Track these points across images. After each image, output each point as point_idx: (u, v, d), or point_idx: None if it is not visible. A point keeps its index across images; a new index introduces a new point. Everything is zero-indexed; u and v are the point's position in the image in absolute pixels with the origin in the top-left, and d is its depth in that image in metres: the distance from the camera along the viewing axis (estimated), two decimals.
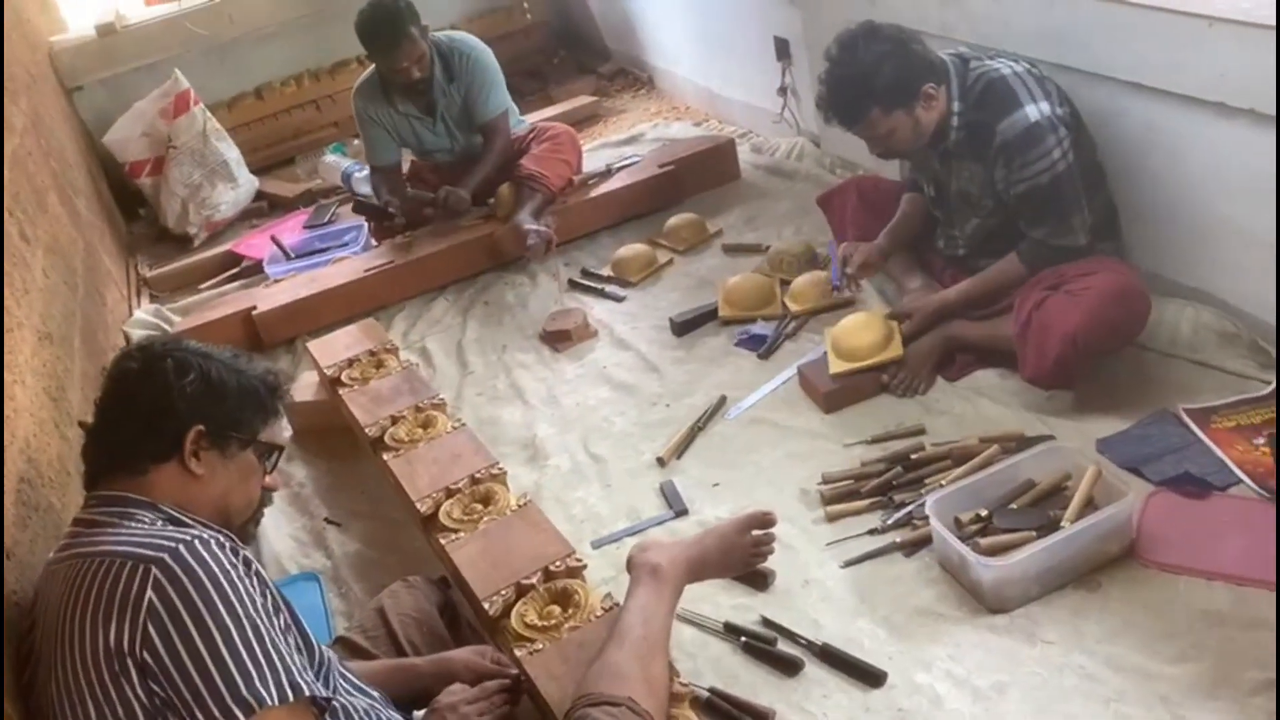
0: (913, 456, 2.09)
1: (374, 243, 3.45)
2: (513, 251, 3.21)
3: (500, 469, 2.06)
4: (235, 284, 3.58)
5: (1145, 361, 2.21)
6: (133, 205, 4.35)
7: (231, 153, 4.15)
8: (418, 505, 2.01)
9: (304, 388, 2.71)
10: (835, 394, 2.31)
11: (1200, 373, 2.14)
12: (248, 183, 4.21)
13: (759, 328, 2.66)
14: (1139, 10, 2.11)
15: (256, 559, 1.29)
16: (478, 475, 2.05)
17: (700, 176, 3.43)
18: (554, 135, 3.44)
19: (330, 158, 4.28)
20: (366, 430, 2.28)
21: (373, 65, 3.31)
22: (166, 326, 3.31)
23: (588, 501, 2.23)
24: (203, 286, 3.67)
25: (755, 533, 1.69)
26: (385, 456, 2.18)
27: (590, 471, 2.32)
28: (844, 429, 2.25)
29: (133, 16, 4.53)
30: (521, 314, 3.03)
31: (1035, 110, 2.12)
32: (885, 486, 2.03)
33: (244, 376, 1.42)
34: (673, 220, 3.22)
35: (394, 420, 2.29)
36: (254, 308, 3.12)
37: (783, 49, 3.47)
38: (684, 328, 2.74)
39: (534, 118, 4.22)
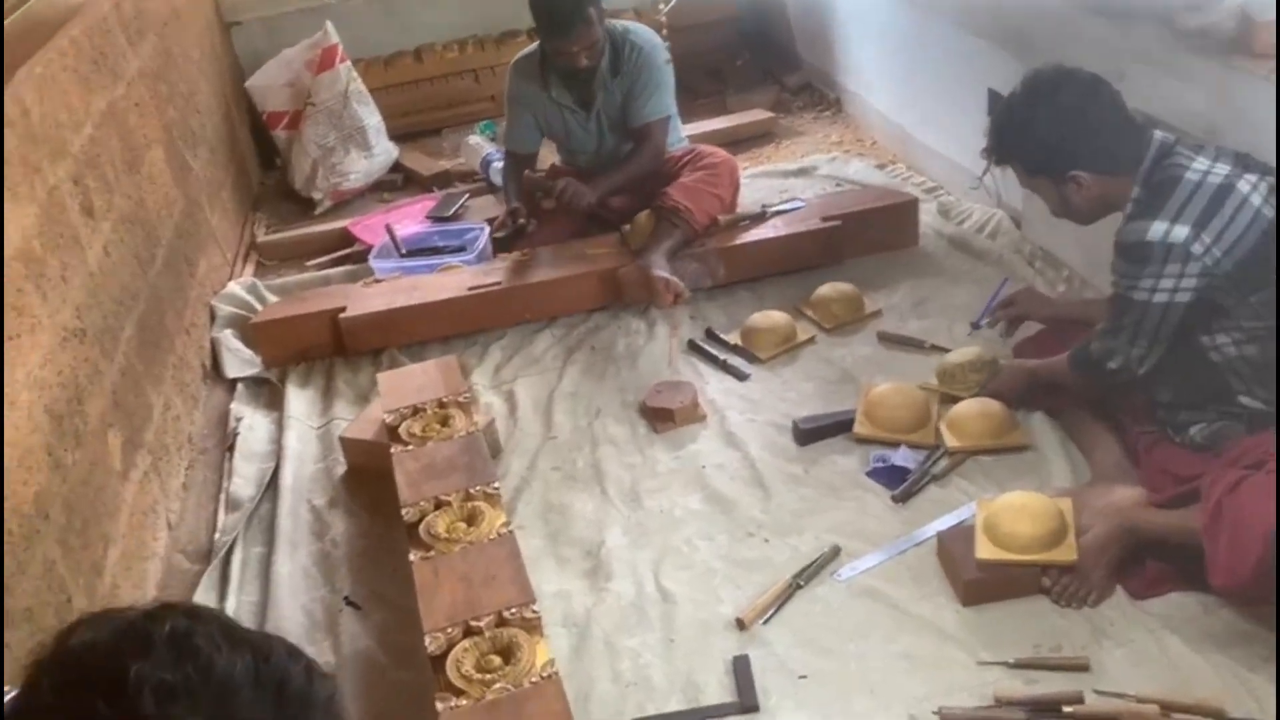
0: (1066, 710, 1.57)
1: (490, 253, 3.10)
2: (634, 296, 2.79)
3: (534, 613, 1.65)
4: (341, 269, 3.29)
5: None
6: (271, 154, 4.13)
7: (371, 119, 3.86)
8: (427, 641, 1.63)
9: (369, 421, 2.37)
10: (979, 585, 1.80)
11: None
12: (384, 153, 3.91)
13: (901, 456, 2.16)
14: None
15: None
16: (508, 615, 1.65)
17: (868, 237, 2.92)
18: (712, 164, 2.98)
19: (475, 138, 3.94)
20: (404, 513, 1.92)
21: (538, 42, 2.94)
22: (257, 306, 3.05)
23: (642, 658, 1.80)
24: (309, 264, 3.40)
25: None
26: (413, 556, 1.81)
27: (655, 612, 1.89)
28: (983, 635, 1.75)
29: None
30: (627, 371, 2.61)
31: (1162, 229, 1.76)
32: None
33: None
34: (824, 289, 2.72)
35: (437, 504, 1.92)
36: (344, 309, 2.81)
37: (995, 104, 2.91)
38: (809, 436, 2.27)
39: (704, 127, 3.81)
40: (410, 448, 2.09)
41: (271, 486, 2.37)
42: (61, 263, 2.01)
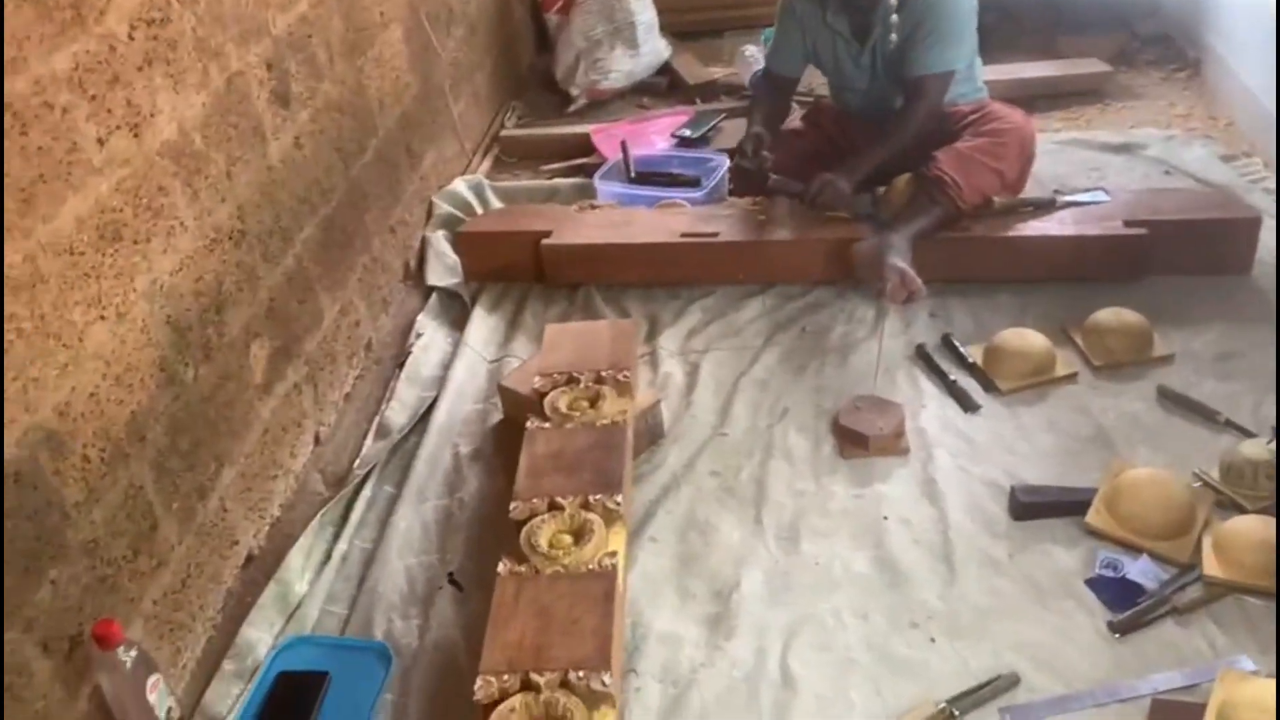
0: None
1: (725, 191, 2.74)
2: (865, 277, 2.36)
3: (604, 685, 1.37)
4: (571, 180, 3.05)
5: None
6: (544, 37, 3.93)
7: (644, 14, 3.54)
8: (477, 685, 1.40)
9: (531, 373, 2.15)
10: None
11: None
12: (652, 53, 3.60)
13: (1139, 569, 1.67)
14: None
15: None
16: (574, 679, 1.38)
17: (1182, 255, 2.31)
18: (999, 131, 2.44)
19: (753, 49, 3.53)
20: (511, 509, 1.68)
21: None
22: (477, 209, 2.88)
23: None
24: (544, 168, 3.20)
25: None
26: (502, 567, 1.58)
27: (768, 698, 1.56)
28: None
29: None
30: (833, 369, 2.22)
31: None
32: None
33: None
34: (1104, 314, 2.17)
35: (551, 506, 1.67)
36: (549, 234, 2.57)
37: None
38: (1027, 511, 1.81)
39: (1017, 72, 3.24)
40: (547, 426, 1.85)
41: (425, 419, 2.22)
42: (229, 157, 1.88)
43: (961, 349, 2.22)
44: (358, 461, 2.14)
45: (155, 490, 1.63)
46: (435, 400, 2.25)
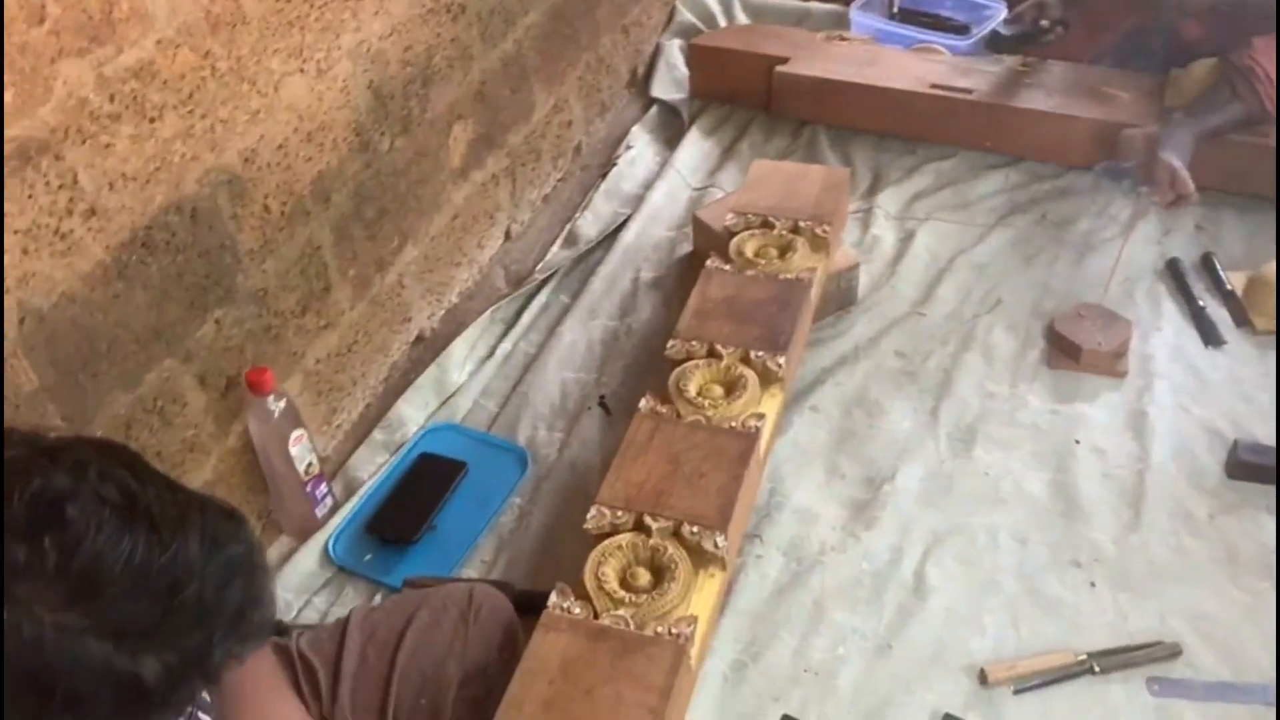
0: None
1: (1001, 35, 2.42)
2: (1127, 166, 2.05)
3: (717, 548, 1.30)
4: (827, 5, 2.79)
5: None
6: None
7: None
8: (590, 514, 1.36)
9: (728, 208, 2.02)
10: None
11: None
12: None
13: None
14: None
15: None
16: (689, 530, 1.32)
17: None
18: None
19: None
20: (669, 346, 1.60)
21: None
22: (720, 22, 2.70)
23: (841, 647, 1.41)
24: None
25: None
26: (642, 404, 1.51)
27: (894, 598, 1.46)
28: None
29: None
30: (1067, 267, 1.97)
31: None
32: None
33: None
34: None
35: (710, 353, 1.58)
36: (785, 60, 2.37)
37: None
38: (1245, 471, 1.57)
39: None
40: (727, 268, 1.73)
41: (614, 236, 2.15)
42: None
43: (1222, 272, 1.92)
44: (541, 265, 2.11)
45: (333, 253, 1.65)
46: (629, 219, 2.17)
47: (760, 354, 1.56)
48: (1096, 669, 1.35)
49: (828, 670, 1.38)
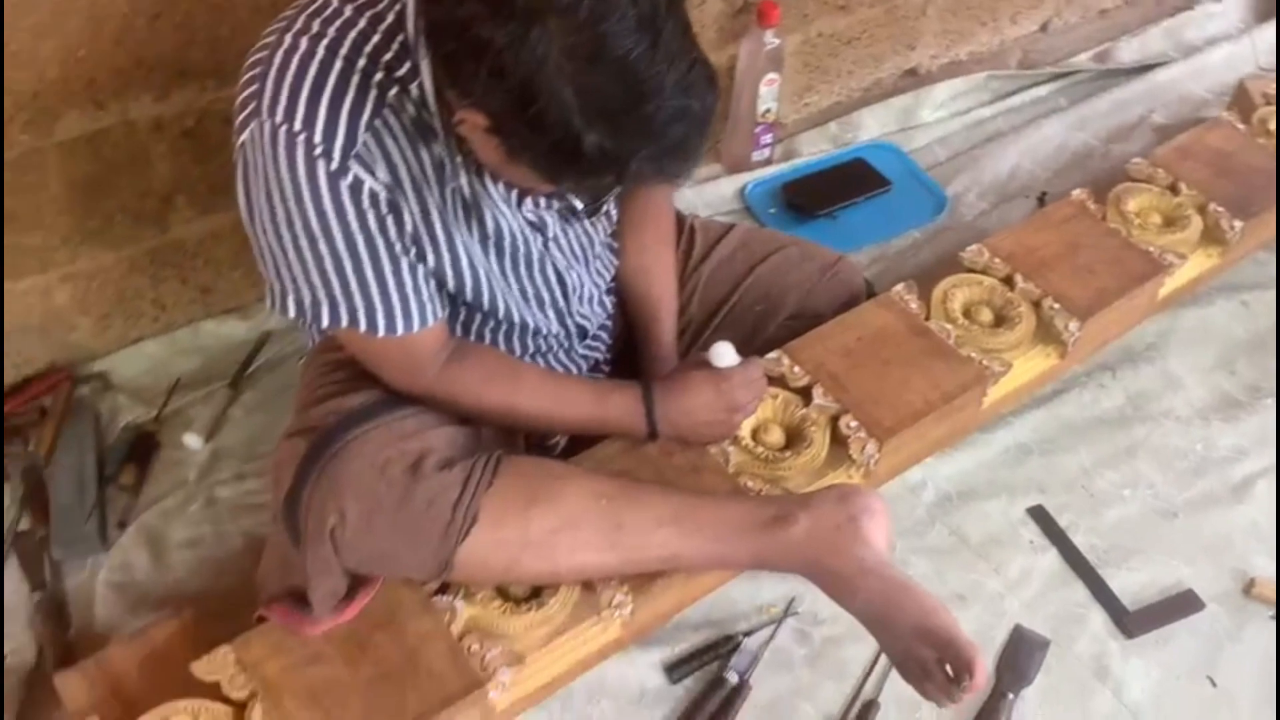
0: None
1: None
2: None
3: (1072, 329, 1.33)
4: None
5: None
6: None
7: None
8: (967, 250, 1.42)
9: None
10: None
11: None
12: None
13: None
14: None
15: None
16: (1051, 304, 1.35)
17: None
18: None
19: None
20: (1131, 163, 1.56)
21: None
22: None
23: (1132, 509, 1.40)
24: None
25: (942, 663, 0.97)
26: (1069, 196, 1.51)
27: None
28: None
29: None
30: None
31: None
32: None
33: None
34: None
35: (1170, 187, 1.52)
36: None
37: None
38: None
39: None
40: (1241, 127, 1.62)
41: (1147, 71, 2.04)
42: None
43: None
44: (1062, 63, 2.07)
45: None
46: (1170, 62, 2.05)
47: (1219, 209, 1.48)
48: None
49: (1105, 500, 1.39)
